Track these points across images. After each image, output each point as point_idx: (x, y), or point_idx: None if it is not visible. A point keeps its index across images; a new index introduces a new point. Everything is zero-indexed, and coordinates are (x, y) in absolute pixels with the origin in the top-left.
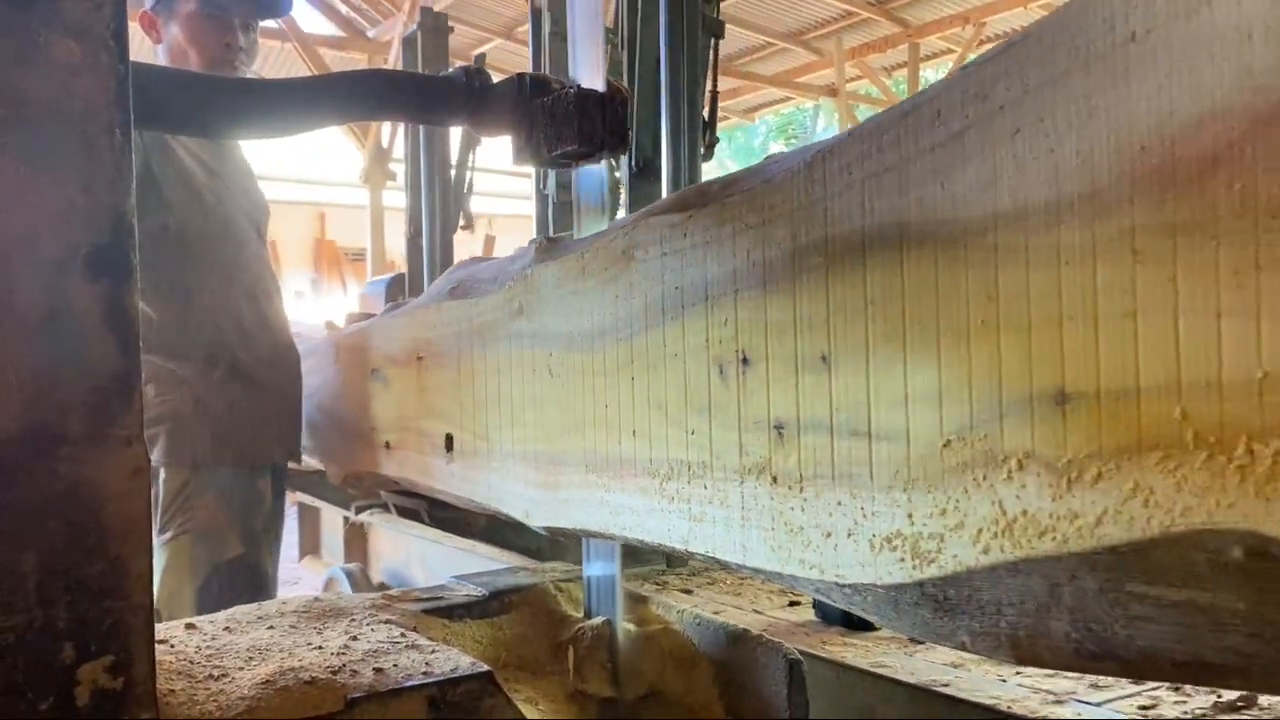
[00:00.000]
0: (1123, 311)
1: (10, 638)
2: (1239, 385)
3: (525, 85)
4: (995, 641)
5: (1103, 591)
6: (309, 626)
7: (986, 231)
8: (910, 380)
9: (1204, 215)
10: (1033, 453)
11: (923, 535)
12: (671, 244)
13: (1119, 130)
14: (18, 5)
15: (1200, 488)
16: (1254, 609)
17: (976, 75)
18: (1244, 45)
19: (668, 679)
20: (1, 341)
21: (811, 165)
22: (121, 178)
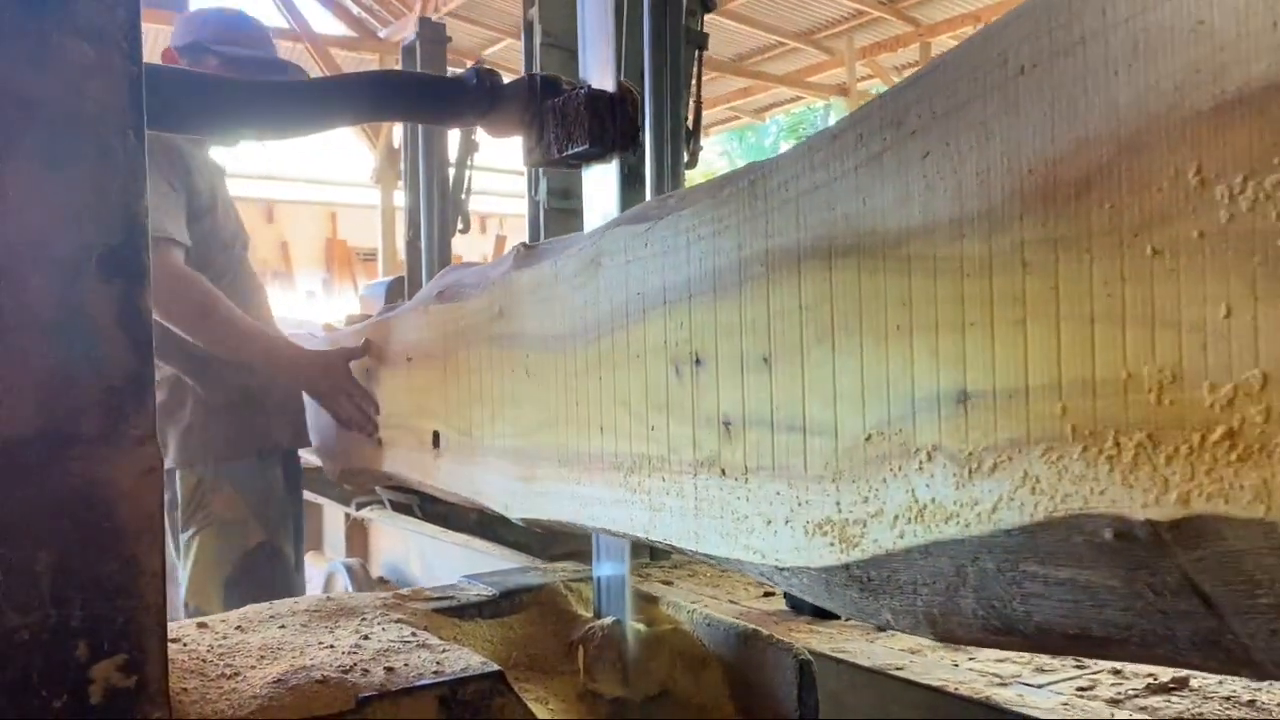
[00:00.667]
0: (1014, 318)
1: (24, 636)
2: (1109, 384)
3: (536, 86)
4: (914, 619)
5: (1000, 571)
6: (320, 625)
7: (901, 244)
8: (838, 379)
9: (1080, 231)
10: (940, 446)
11: (849, 521)
12: (634, 253)
13: (1011, 153)
14: (31, 8)
15: (1077, 476)
16: (1125, 585)
17: (893, 102)
18: (1111, 80)
19: (678, 679)
20: (16, 342)
21: (754, 182)
22: (134, 179)
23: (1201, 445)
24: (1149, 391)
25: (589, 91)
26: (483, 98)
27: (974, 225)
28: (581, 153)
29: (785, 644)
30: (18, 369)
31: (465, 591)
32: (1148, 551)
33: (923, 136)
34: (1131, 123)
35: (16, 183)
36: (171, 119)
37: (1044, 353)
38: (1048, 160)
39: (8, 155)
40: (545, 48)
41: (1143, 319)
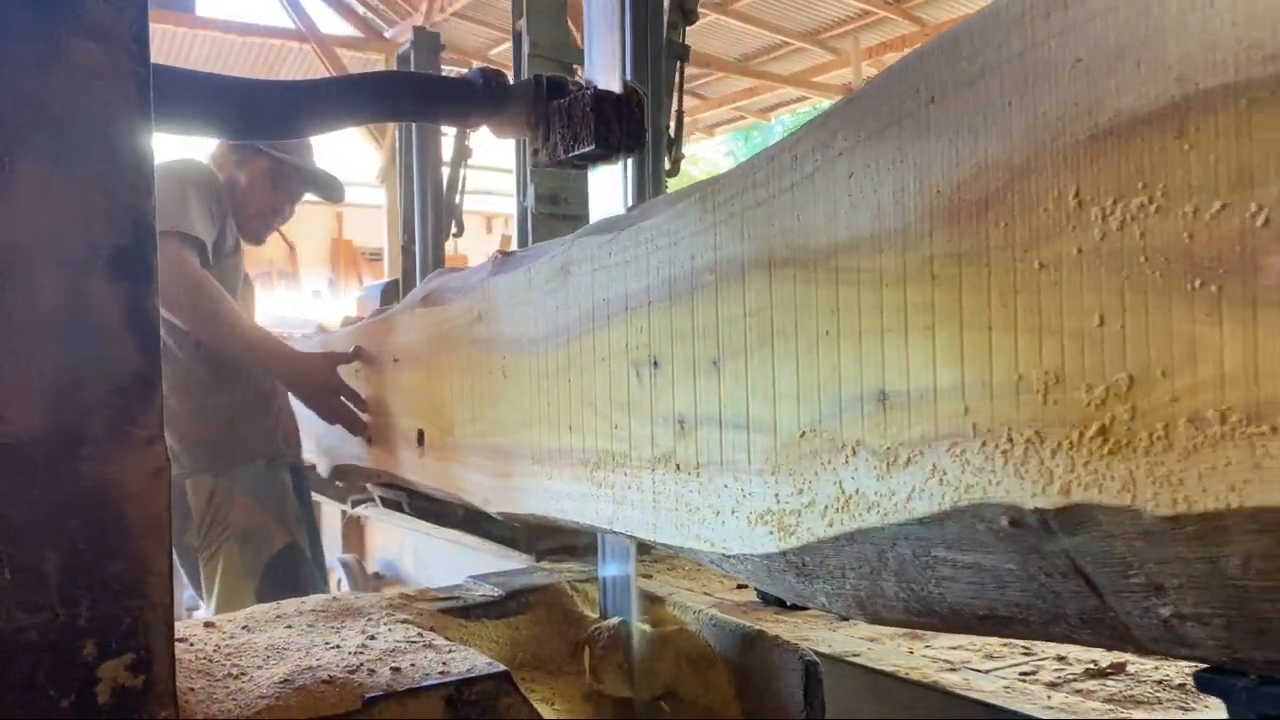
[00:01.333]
0: (925, 325)
1: (33, 635)
2: (1003, 385)
3: (542, 87)
4: (845, 602)
5: (916, 556)
6: (326, 626)
7: (830, 257)
8: (777, 381)
9: (980, 247)
10: (863, 441)
11: (786, 511)
12: (599, 261)
13: (922, 176)
14: (40, 9)
15: (977, 469)
16: (1021, 568)
17: (823, 126)
18: (1005, 111)
19: (684, 679)
20: (24, 342)
21: (704, 197)
22: (142, 180)
23: (1079, 440)
24: (1036, 392)
25: (595, 92)
26: (489, 99)
27: (891, 240)
28: (587, 154)
29: (791, 645)
30: (26, 369)
31: (471, 592)
32: (1038, 537)
33: (848, 158)
34: (1023, 150)
35: (25, 183)
36: (179, 120)
37: (949, 357)
38: (953, 183)
39: (16, 155)
40: (533, 58)
41: (1032, 327)
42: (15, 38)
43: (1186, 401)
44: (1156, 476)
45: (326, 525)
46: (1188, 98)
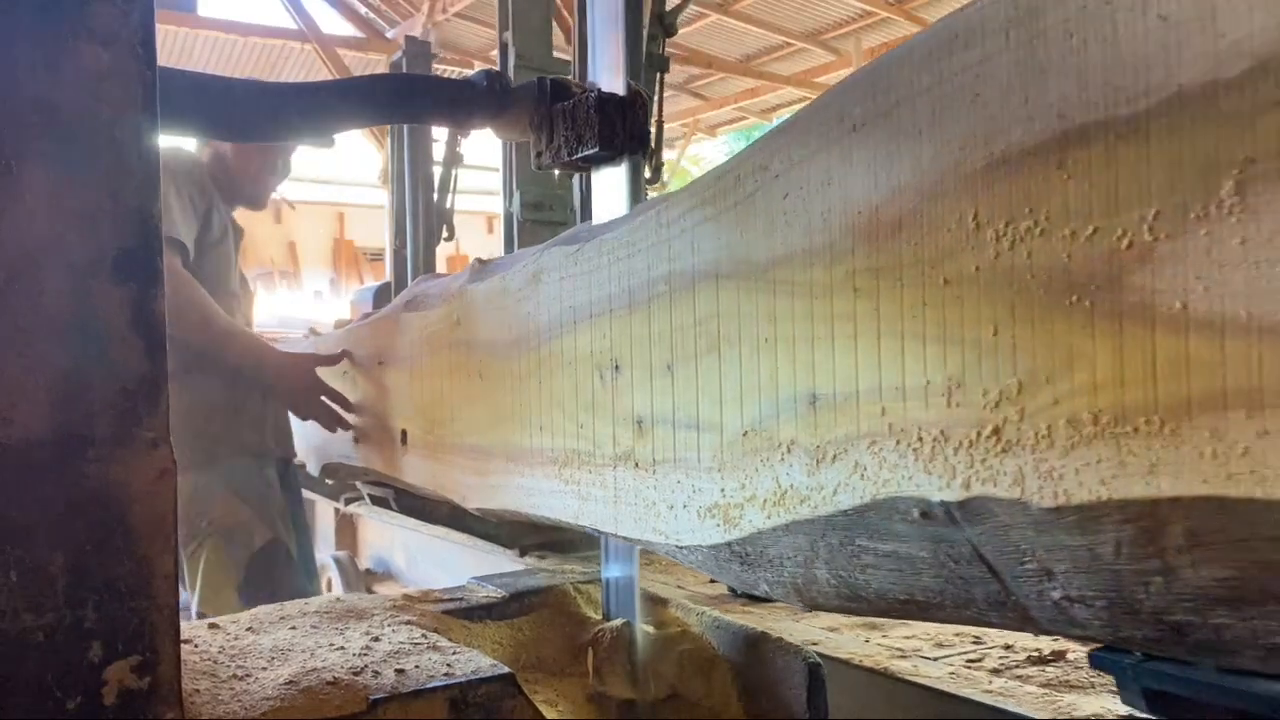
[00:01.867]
0: (848, 333)
1: (39, 637)
2: (915, 389)
3: (546, 89)
4: (785, 589)
5: (842, 545)
6: (330, 627)
7: (768, 270)
8: (723, 384)
9: (895, 263)
10: (796, 440)
11: (730, 505)
12: (567, 270)
13: (847, 197)
14: (47, 12)
15: (893, 465)
16: (932, 556)
17: (763, 149)
18: (917, 139)
19: (687, 681)
20: (31, 344)
21: (659, 212)
22: (148, 183)
23: (977, 439)
24: (942, 396)
25: (598, 94)
26: (493, 100)
27: (819, 255)
28: (591, 156)
29: (794, 647)
30: (32, 371)
31: (474, 593)
32: (945, 528)
33: (784, 180)
34: (930, 175)
35: (32, 186)
36: (182, 122)
37: (869, 363)
38: (872, 204)
39: (23, 159)
40: (519, 69)
41: (938, 336)
42: (22, 41)
43: (1065, 404)
44: (1041, 472)
45: (320, 523)
46: (1066, 133)
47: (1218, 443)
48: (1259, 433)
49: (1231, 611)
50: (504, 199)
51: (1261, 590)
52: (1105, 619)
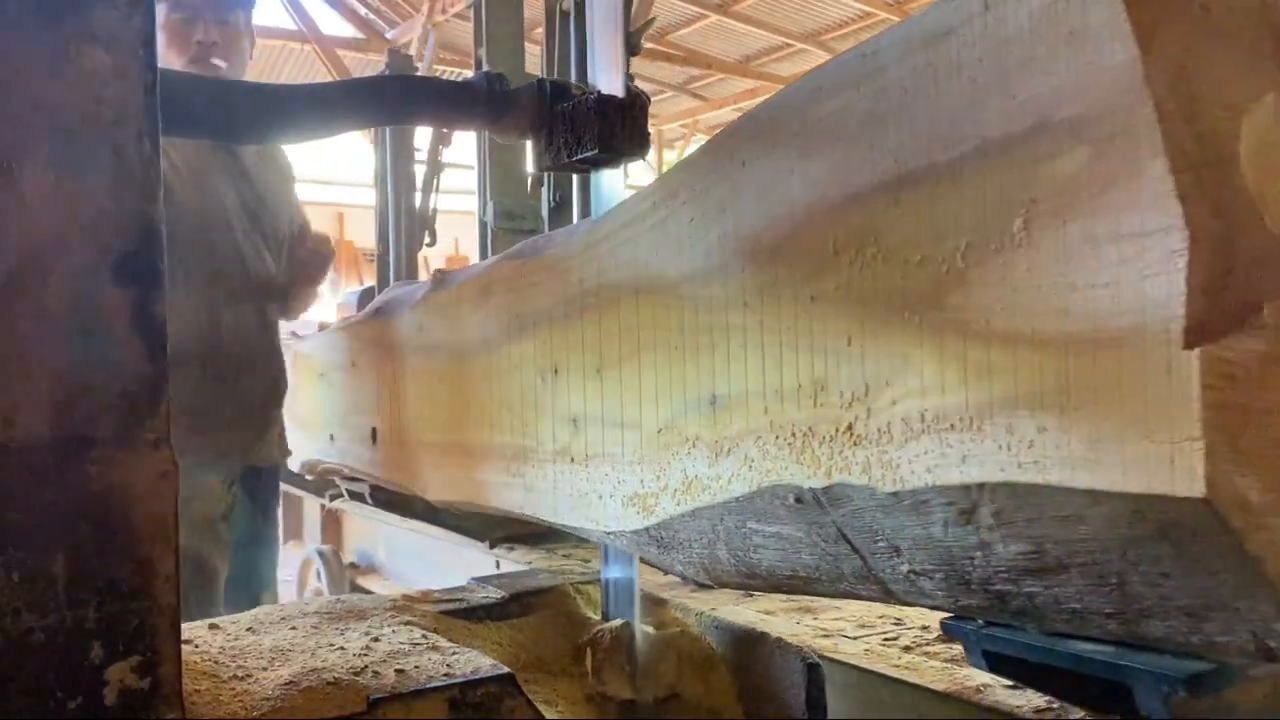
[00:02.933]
0: (740, 343)
1: (41, 638)
2: (790, 391)
3: (545, 91)
4: (695, 568)
5: (737, 528)
6: (331, 628)
7: (678, 285)
8: (642, 386)
9: (775, 281)
10: (700, 436)
11: (648, 494)
12: (513, 283)
13: (738, 224)
14: (50, 16)
15: (773, 457)
16: (807, 536)
17: (674, 179)
18: (789, 177)
19: (686, 681)
20: (33, 346)
21: (590, 230)
22: (150, 185)
23: (836, 435)
24: (810, 397)
25: (598, 96)
26: (493, 102)
27: (717, 274)
28: (591, 157)
29: (793, 647)
30: (34, 373)
31: (474, 594)
32: (815, 511)
33: (690, 207)
34: (800, 207)
35: (34, 188)
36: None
37: (756, 368)
38: (756, 230)
39: (25, 161)
40: None
41: (807, 346)
42: (25, 44)
43: (901, 405)
44: (883, 462)
45: (306, 518)
46: (900, 175)
47: (1010, 437)
48: (1039, 428)
49: (1037, 580)
50: (479, 207)
51: (1057, 562)
52: (945, 589)
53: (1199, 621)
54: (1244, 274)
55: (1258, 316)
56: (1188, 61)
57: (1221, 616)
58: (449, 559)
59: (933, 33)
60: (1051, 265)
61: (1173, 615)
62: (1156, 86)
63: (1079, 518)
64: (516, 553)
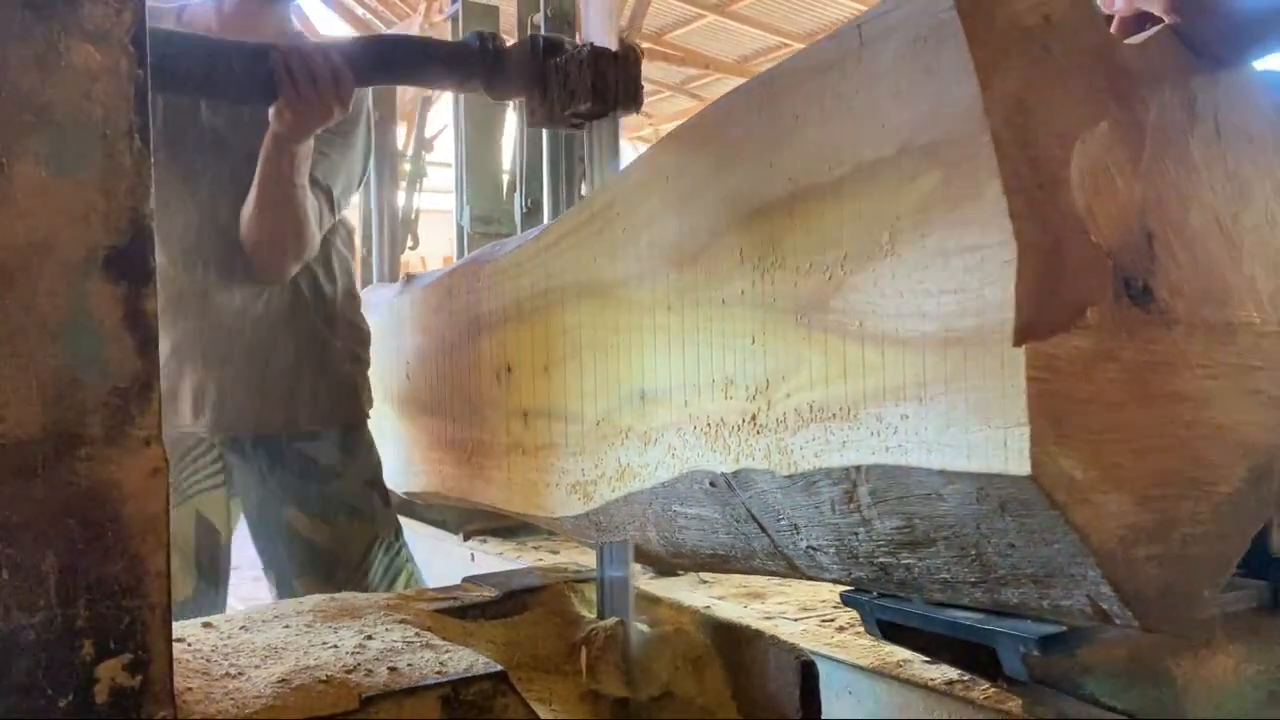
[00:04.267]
0: (664, 342)
1: (30, 636)
2: (705, 386)
3: (539, 46)
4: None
5: (663, 511)
6: (324, 626)
7: (614, 289)
8: (584, 382)
9: (693, 285)
10: (632, 428)
11: (588, 482)
12: (472, 286)
13: (663, 233)
14: (39, 11)
15: (692, 446)
16: (722, 517)
17: (611, 190)
18: (704, 191)
19: (681, 679)
20: (22, 343)
21: (539, 238)
22: (141, 181)
23: (742, 425)
24: (721, 391)
25: (592, 50)
26: (486, 61)
27: (646, 278)
28: (584, 111)
29: (788, 645)
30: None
31: (469, 593)
32: (727, 494)
33: (623, 217)
34: (714, 220)
35: (23, 185)
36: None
37: (677, 365)
38: (679, 239)
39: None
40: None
41: (720, 345)
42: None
43: (794, 397)
44: (780, 448)
45: None
46: (794, 192)
47: (879, 424)
48: (902, 416)
49: (911, 553)
50: (455, 212)
51: (925, 536)
52: (839, 563)
53: (1044, 588)
54: (1070, 281)
55: (1083, 318)
56: (1026, 96)
57: (1061, 583)
58: (427, 550)
59: (819, 66)
60: (912, 274)
61: (1023, 582)
62: (995, 118)
63: (938, 495)
64: (490, 544)
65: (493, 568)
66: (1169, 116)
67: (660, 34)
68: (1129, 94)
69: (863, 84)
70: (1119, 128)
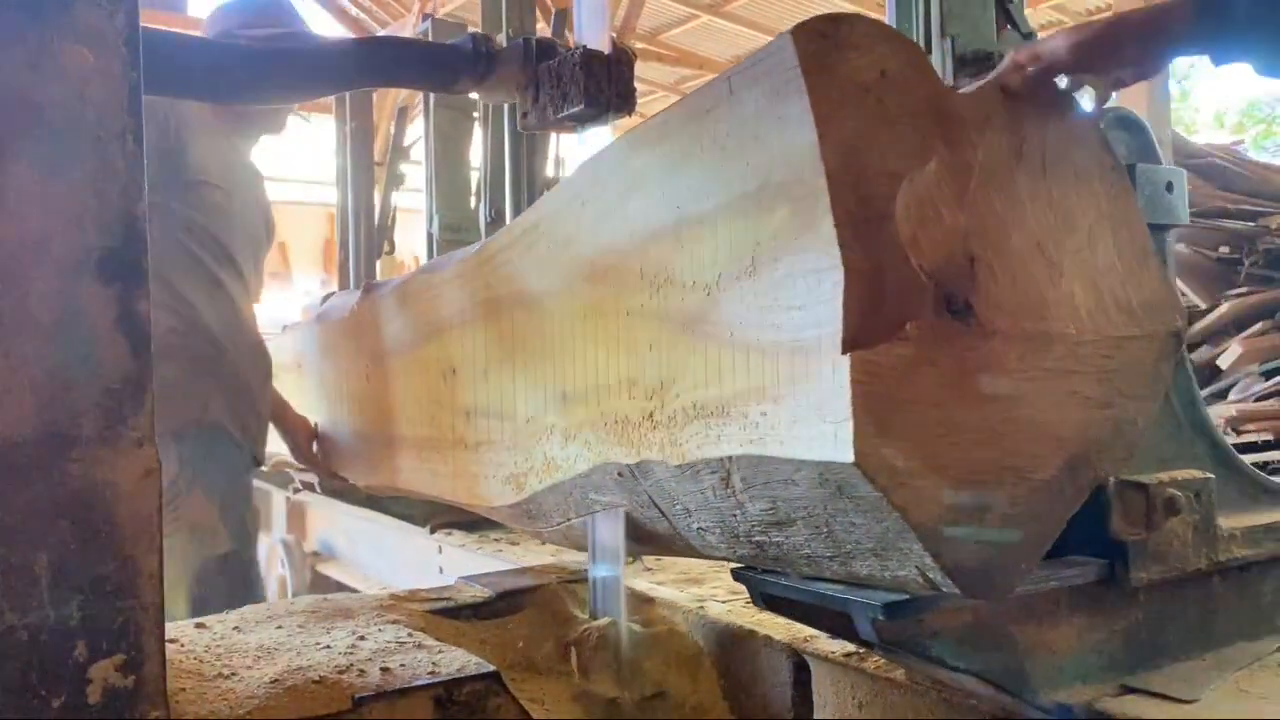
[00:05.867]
0: (582, 348)
1: (24, 636)
2: (613, 387)
3: (531, 49)
4: (558, 534)
5: (582, 499)
6: (317, 626)
7: (541, 300)
8: (516, 384)
9: (604, 298)
10: (556, 425)
11: (520, 474)
12: (423, 294)
13: (579, 251)
14: (32, 13)
15: (603, 440)
16: (630, 502)
17: (537, 211)
18: (611, 215)
19: (673, 679)
20: (16, 344)
21: (479, 251)
22: (133, 182)
23: (642, 422)
24: (626, 392)
25: (584, 52)
26: (479, 62)
27: (566, 291)
28: (577, 114)
29: (780, 644)
30: (17, 371)
31: (461, 593)
32: (632, 482)
33: (547, 237)
34: (619, 241)
35: (17, 186)
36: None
37: (591, 368)
38: (592, 257)
39: (9, 159)
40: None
41: (626, 351)
42: (7, 40)
43: (683, 397)
44: (672, 442)
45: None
46: (680, 219)
47: (745, 420)
48: (762, 413)
49: (779, 532)
50: (426, 221)
51: (787, 516)
52: (725, 543)
53: (883, 560)
54: (892, 300)
55: (903, 331)
56: (859, 141)
57: (896, 556)
58: (396, 544)
59: (699, 111)
60: (768, 292)
61: (867, 556)
62: (830, 162)
63: (792, 480)
64: (455, 536)
65: (459, 559)
66: (996, 156)
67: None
68: (958, 137)
69: (733, 128)
70: (946, 166)
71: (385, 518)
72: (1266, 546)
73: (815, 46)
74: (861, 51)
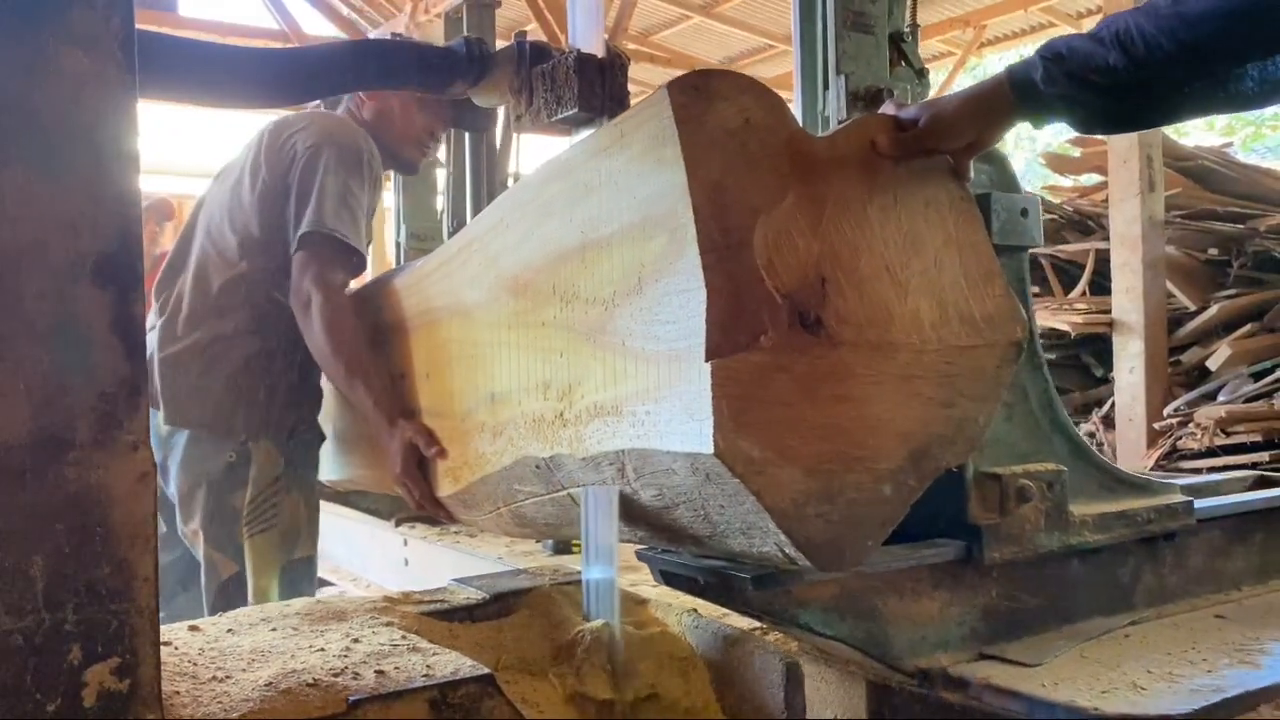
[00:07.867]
0: (506, 354)
1: (19, 640)
2: (533, 389)
3: (525, 52)
4: (491, 521)
5: (509, 490)
6: (311, 629)
7: (474, 311)
8: (453, 386)
9: (523, 309)
10: (486, 423)
11: (456, 467)
12: (375, 303)
13: (505, 268)
14: (28, 17)
15: (524, 436)
16: (547, 492)
17: (474, 228)
18: (529, 237)
19: (666, 681)
20: (11, 348)
21: (425, 263)
22: (129, 187)
23: (554, 420)
24: (540, 393)
25: (578, 55)
26: (473, 65)
27: (493, 304)
28: (570, 117)
29: (773, 646)
30: (12, 375)
31: (455, 595)
32: (547, 474)
33: (479, 253)
34: (535, 259)
35: (12, 190)
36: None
37: (514, 372)
38: (514, 273)
39: (4, 163)
40: None
41: (542, 357)
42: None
43: (587, 398)
44: (578, 437)
45: None
46: (584, 243)
47: (634, 418)
48: (646, 412)
49: (667, 515)
50: (394, 229)
51: (672, 501)
52: (628, 525)
53: (749, 538)
54: (749, 315)
55: (759, 342)
56: (724, 180)
57: (758, 534)
58: (366, 537)
59: (597, 149)
60: (651, 308)
61: (738, 535)
62: (697, 197)
63: (672, 470)
64: (418, 529)
65: (422, 552)
66: (849, 191)
67: (646, 35)
68: (813, 175)
69: (623, 165)
70: (802, 200)
71: (354, 512)
72: (1118, 531)
73: (687, 99)
74: (729, 102)
